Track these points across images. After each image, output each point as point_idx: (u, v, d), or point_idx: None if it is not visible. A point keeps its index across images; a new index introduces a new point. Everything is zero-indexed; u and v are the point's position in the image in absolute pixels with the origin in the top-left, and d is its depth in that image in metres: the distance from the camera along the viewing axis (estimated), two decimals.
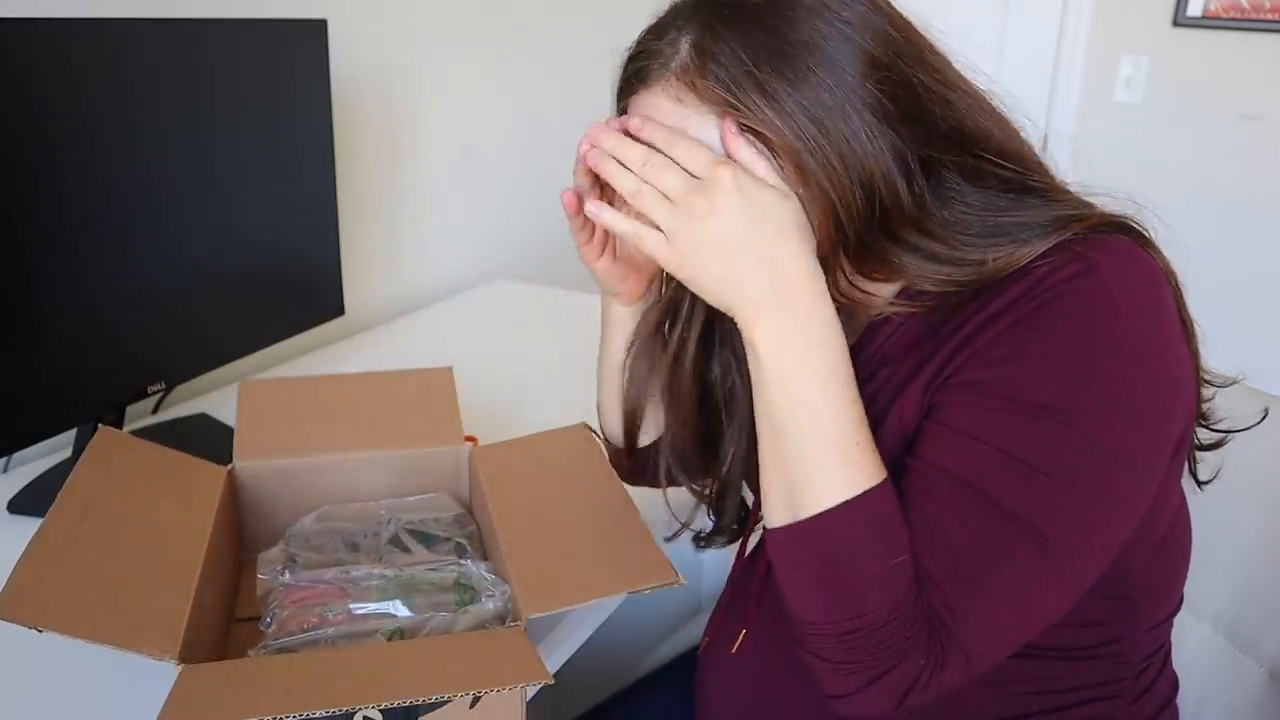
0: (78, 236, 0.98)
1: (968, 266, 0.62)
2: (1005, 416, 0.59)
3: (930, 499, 0.60)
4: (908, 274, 0.64)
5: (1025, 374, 0.58)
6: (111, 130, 0.98)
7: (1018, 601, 0.58)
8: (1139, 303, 0.59)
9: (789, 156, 0.61)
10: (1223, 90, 2.17)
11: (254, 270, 1.21)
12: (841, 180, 0.61)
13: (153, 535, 0.73)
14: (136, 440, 0.84)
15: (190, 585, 0.69)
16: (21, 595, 0.60)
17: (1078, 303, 0.58)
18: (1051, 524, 0.57)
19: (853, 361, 0.67)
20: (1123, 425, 0.58)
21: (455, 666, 0.63)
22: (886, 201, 0.62)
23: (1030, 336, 0.59)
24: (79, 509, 0.70)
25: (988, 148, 0.65)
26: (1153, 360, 0.59)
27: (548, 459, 0.89)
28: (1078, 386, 0.58)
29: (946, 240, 0.63)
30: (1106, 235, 0.62)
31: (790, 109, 0.60)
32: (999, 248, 0.62)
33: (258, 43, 1.15)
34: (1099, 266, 0.59)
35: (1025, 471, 0.58)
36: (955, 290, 0.63)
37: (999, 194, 0.64)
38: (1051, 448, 0.57)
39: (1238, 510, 0.87)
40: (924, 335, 0.65)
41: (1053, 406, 0.57)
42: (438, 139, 1.75)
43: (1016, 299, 0.60)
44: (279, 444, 0.90)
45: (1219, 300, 2.28)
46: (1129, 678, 0.72)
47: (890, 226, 0.63)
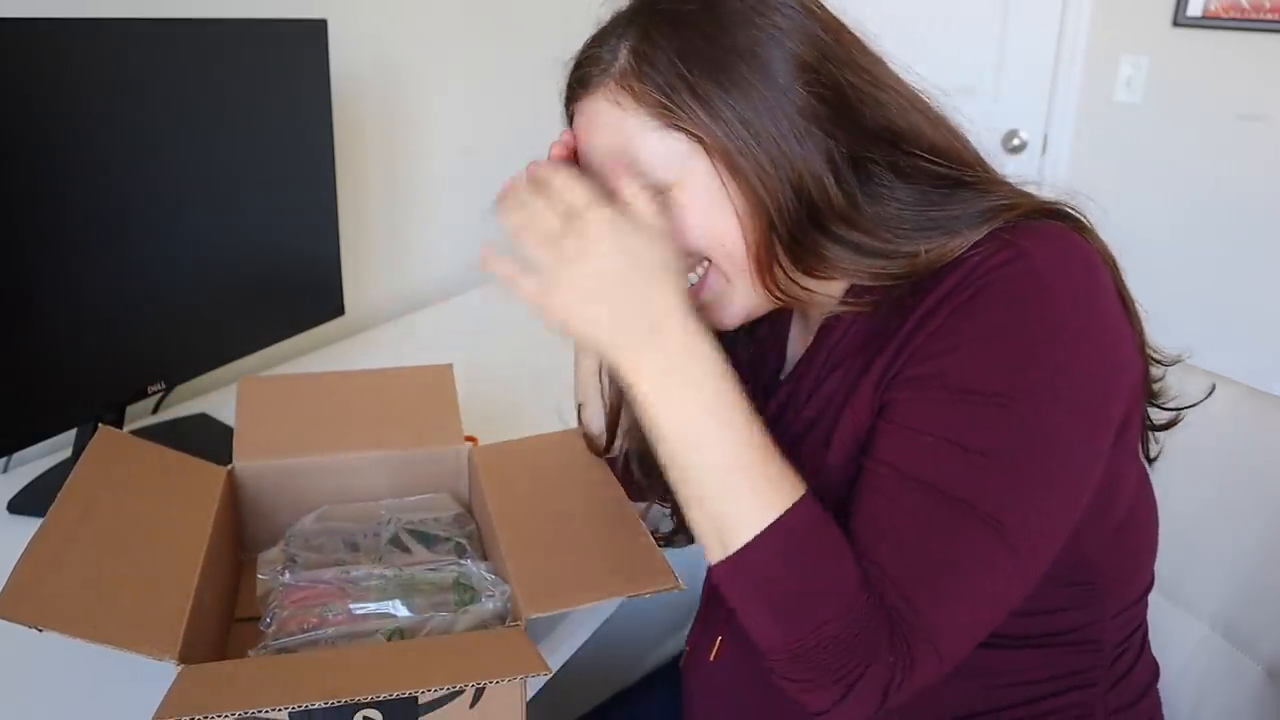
0: (78, 236, 0.98)
1: (900, 259, 0.64)
2: (946, 406, 0.60)
3: (881, 495, 0.61)
4: (843, 269, 0.66)
5: (962, 363, 0.60)
6: (111, 130, 0.99)
7: (975, 588, 0.59)
8: (1072, 286, 0.60)
9: (721, 157, 0.64)
10: (1223, 90, 2.17)
11: (254, 270, 1.21)
12: (772, 179, 0.64)
13: (153, 535, 0.73)
14: (137, 440, 0.84)
15: (190, 585, 0.69)
16: (22, 595, 0.60)
17: (1009, 289, 0.59)
18: (1000, 506, 0.58)
19: (808, 364, 0.72)
20: (1060, 409, 0.59)
21: (455, 662, 0.63)
22: (816, 199, 0.64)
23: (965, 326, 0.60)
24: (79, 509, 0.70)
25: (919, 145, 0.67)
26: (1089, 344, 0.60)
27: (548, 460, 0.89)
28: (1015, 372, 0.59)
29: (877, 234, 0.64)
30: (1038, 222, 0.63)
31: (722, 112, 0.63)
32: (930, 240, 0.63)
33: (258, 43, 1.15)
34: (1029, 253, 0.60)
35: (969, 457, 0.58)
36: (893, 284, 0.65)
37: (931, 189, 0.66)
38: (992, 432, 0.58)
39: (1236, 510, 0.87)
40: (872, 334, 0.67)
41: (990, 391, 0.58)
42: (438, 139, 1.75)
43: (951, 290, 0.61)
44: (279, 443, 0.90)
45: (1219, 300, 2.28)
46: (1103, 665, 0.73)
47: (821, 222, 0.65)
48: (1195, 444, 0.89)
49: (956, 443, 0.59)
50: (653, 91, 0.64)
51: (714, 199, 0.66)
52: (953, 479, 0.59)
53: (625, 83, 0.65)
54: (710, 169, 0.65)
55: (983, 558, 0.58)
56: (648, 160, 0.66)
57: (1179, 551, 0.91)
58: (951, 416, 0.59)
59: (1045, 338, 0.59)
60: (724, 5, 0.65)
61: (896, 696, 0.59)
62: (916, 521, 0.59)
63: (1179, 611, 0.91)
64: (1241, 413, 0.87)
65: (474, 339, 1.58)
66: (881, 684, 0.58)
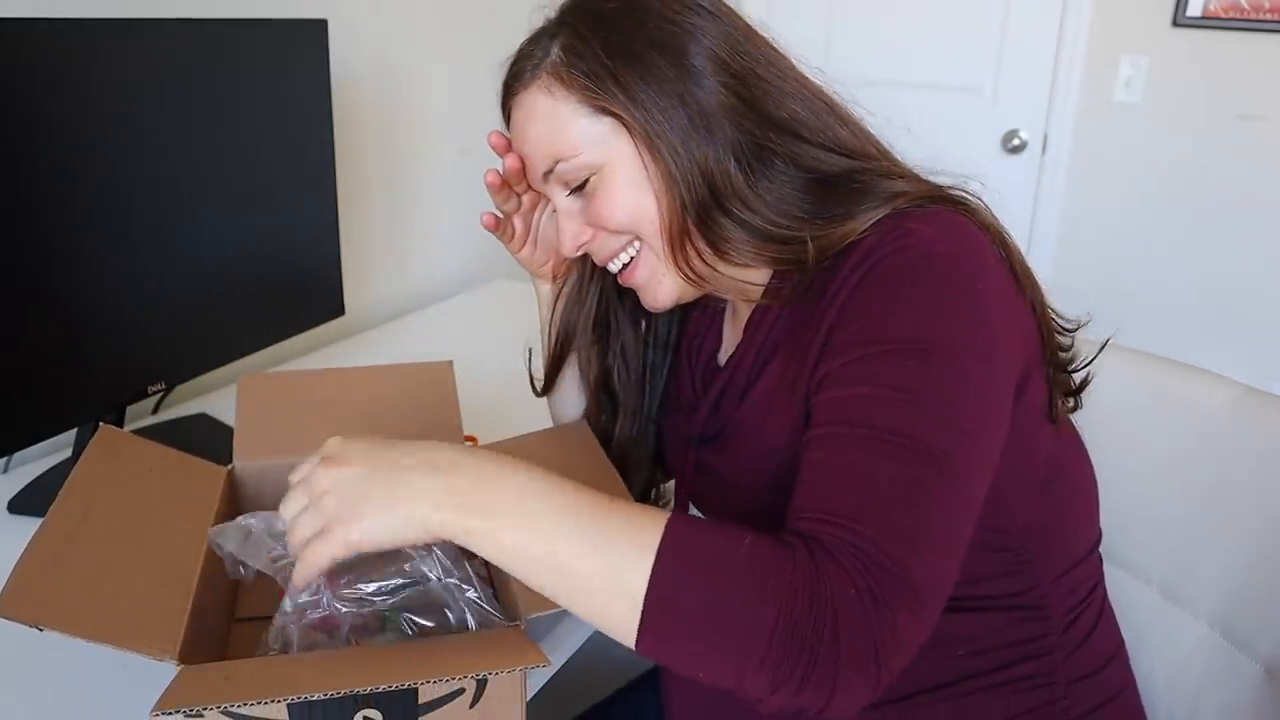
0: (78, 236, 0.98)
1: (795, 244, 0.70)
2: (869, 361, 0.63)
3: (823, 450, 0.62)
4: (743, 250, 0.72)
5: (875, 321, 0.64)
6: (112, 130, 0.99)
7: (931, 516, 0.59)
8: (951, 256, 0.65)
9: (642, 138, 0.71)
10: (1223, 90, 2.17)
11: (254, 270, 1.21)
12: (682, 161, 0.70)
13: (154, 535, 0.73)
14: (137, 439, 0.84)
15: (190, 586, 0.69)
16: (23, 593, 0.60)
17: (900, 261, 0.65)
18: (939, 438, 0.60)
19: (742, 354, 0.78)
20: (968, 354, 0.63)
21: (455, 658, 0.63)
22: (719, 183, 0.70)
23: (869, 293, 0.66)
24: (80, 508, 0.70)
25: (822, 136, 0.73)
26: (968, 304, 0.64)
27: (547, 457, 0.89)
28: (921, 323, 0.63)
29: (773, 219, 0.71)
30: (926, 208, 0.69)
31: (640, 98, 0.70)
32: (823, 226, 0.69)
33: (258, 43, 1.15)
34: (914, 231, 0.66)
35: (901, 397, 0.61)
36: (799, 270, 0.71)
37: (828, 178, 0.72)
38: (916, 373, 0.62)
39: (1235, 509, 0.87)
40: (797, 323, 0.72)
41: (904, 339, 0.63)
42: (438, 139, 1.75)
43: (851, 270, 0.67)
44: (278, 442, 0.90)
45: (1219, 300, 2.28)
46: (1054, 633, 0.75)
47: (724, 205, 0.71)
48: (1195, 444, 0.90)
49: (887, 385, 0.62)
50: (580, 78, 0.71)
51: (636, 178, 0.72)
52: (891, 418, 0.61)
53: (556, 73, 0.73)
54: (633, 150, 0.72)
55: (932, 490, 0.59)
56: (578, 141, 0.73)
57: (1178, 551, 0.91)
58: (876, 366, 0.63)
59: (947, 294, 0.64)
60: (643, 4, 0.72)
61: (891, 657, 0.54)
62: (863, 463, 0.60)
63: (1178, 611, 0.91)
64: (1241, 413, 0.87)
65: (474, 339, 1.58)
66: (864, 641, 0.53)
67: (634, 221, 0.74)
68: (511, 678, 0.61)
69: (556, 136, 0.74)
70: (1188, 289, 2.29)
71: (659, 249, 0.75)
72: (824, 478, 0.61)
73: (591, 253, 0.80)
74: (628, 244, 0.77)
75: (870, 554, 0.56)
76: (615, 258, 0.78)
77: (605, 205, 0.74)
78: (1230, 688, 0.86)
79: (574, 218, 0.77)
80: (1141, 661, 0.88)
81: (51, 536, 0.66)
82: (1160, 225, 2.30)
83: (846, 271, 0.67)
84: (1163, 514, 0.92)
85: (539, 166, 0.76)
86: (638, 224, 0.74)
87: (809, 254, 0.69)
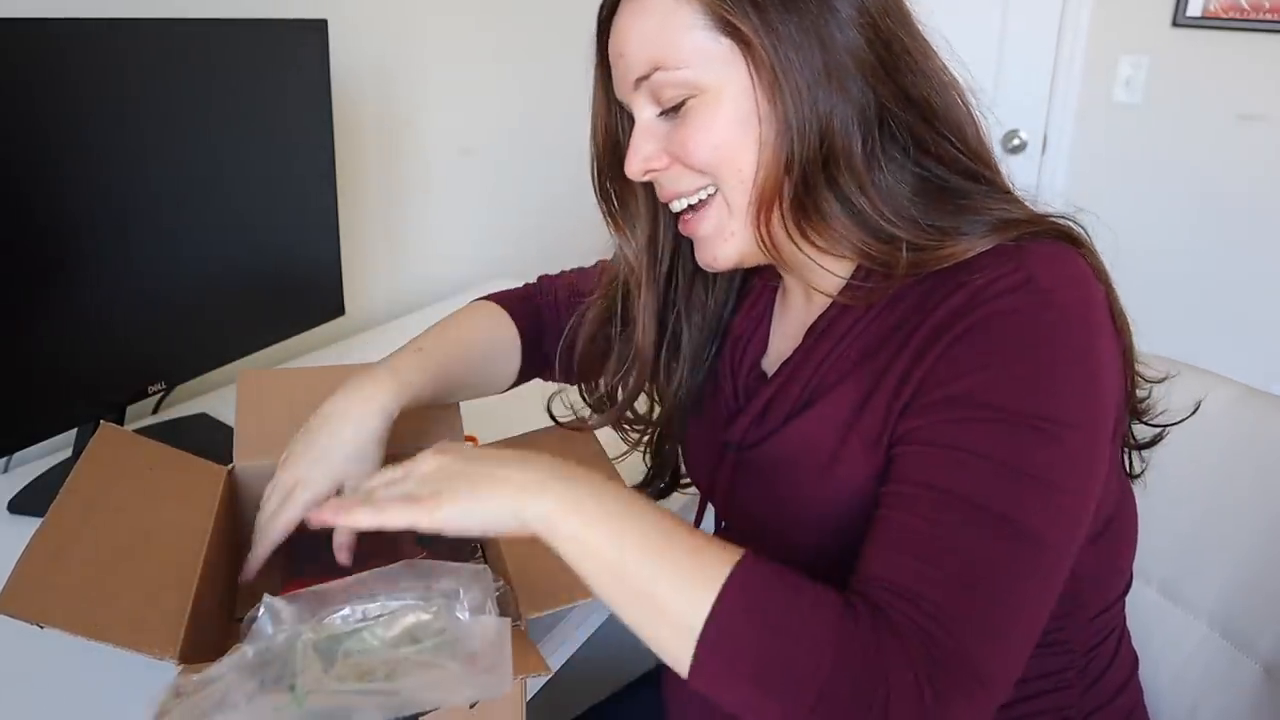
0: (78, 237, 0.98)
1: (890, 245, 0.64)
2: (963, 426, 0.58)
3: (903, 512, 0.58)
4: (835, 232, 0.65)
5: (991, 383, 0.58)
6: (111, 130, 0.99)
7: (1014, 604, 0.55)
8: (1071, 314, 0.60)
9: (765, 72, 0.63)
10: (1223, 90, 2.17)
11: (254, 270, 1.21)
12: (804, 110, 0.62)
13: (154, 534, 0.73)
14: (138, 437, 0.84)
15: (191, 585, 0.69)
16: (24, 591, 0.60)
17: (1015, 317, 0.59)
18: (1039, 521, 0.56)
19: (799, 367, 0.71)
20: (1084, 431, 0.58)
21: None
22: (838, 147, 0.63)
23: (984, 346, 0.59)
24: (82, 506, 0.70)
25: (951, 132, 0.66)
26: (1093, 361, 0.59)
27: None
28: (1043, 394, 0.57)
29: (879, 208, 0.64)
30: (1043, 243, 0.63)
31: (777, 26, 0.62)
32: (926, 235, 0.63)
33: (258, 43, 1.15)
34: (1037, 278, 0.59)
35: (994, 469, 0.56)
36: (879, 268, 0.65)
37: (941, 182, 0.66)
38: (1028, 450, 0.57)
39: (1235, 510, 0.87)
40: (873, 347, 0.66)
41: (1007, 409, 0.57)
42: (438, 139, 1.75)
43: (960, 308, 0.60)
44: (279, 442, 0.90)
45: (1219, 300, 2.28)
46: (1076, 668, 0.72)
47: (833, 175, 0.64)
48: (1195, 444, 0.90)
49: (985, 455, 0.57)
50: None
51: (743, 115, 0.64)
52: (984, 490, 0.56)
53: None
54: (748, 83, 0.64)
55: (1019, 575, 0.55)
56: (689, 54, 0.64)
57: (1178, 551, 0.91)
58: (977, 433, 0.57)
59: (1066, 361, 0.58)
60: None
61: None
62: (946, 536, 0.56)
63: (1178, 611, 0.91)
64: (1241, 413, 0.87)
65: None
66: (912, 714, 0.51)
67: (722, 163, 0.66)
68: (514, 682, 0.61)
69: (666, 40, 0.64)
70: (1188, 289, 2.29)
71: (738, 202, 0.67)
72: (900, 544, 0.56)
73: (658, 184, 0.71)
74: (703, 186, 0.68)
75: (939, 639, 0.52)
76: (683, 197, 0.70)
77: (697, 135, 0.65)
78: (1230, 688, 0.86)
79: (654, 137, 0.68)
80: (1142, 662, 0.88)
81: (53, 534, 0.66)
82: (1160, 225, 2.30)
83: (948, 311, 0.60)
84: (1163, 514, 0.92)
85: (633, 70, 0.67)
86: (724, 168, 0.66)
87: (900, 261, 0.63)
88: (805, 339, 0.71)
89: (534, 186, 1.93)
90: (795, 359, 0.72)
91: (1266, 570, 0.84)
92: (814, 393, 0.69)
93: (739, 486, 0.77)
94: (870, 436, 0.64)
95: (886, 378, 0.63)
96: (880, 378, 0.64)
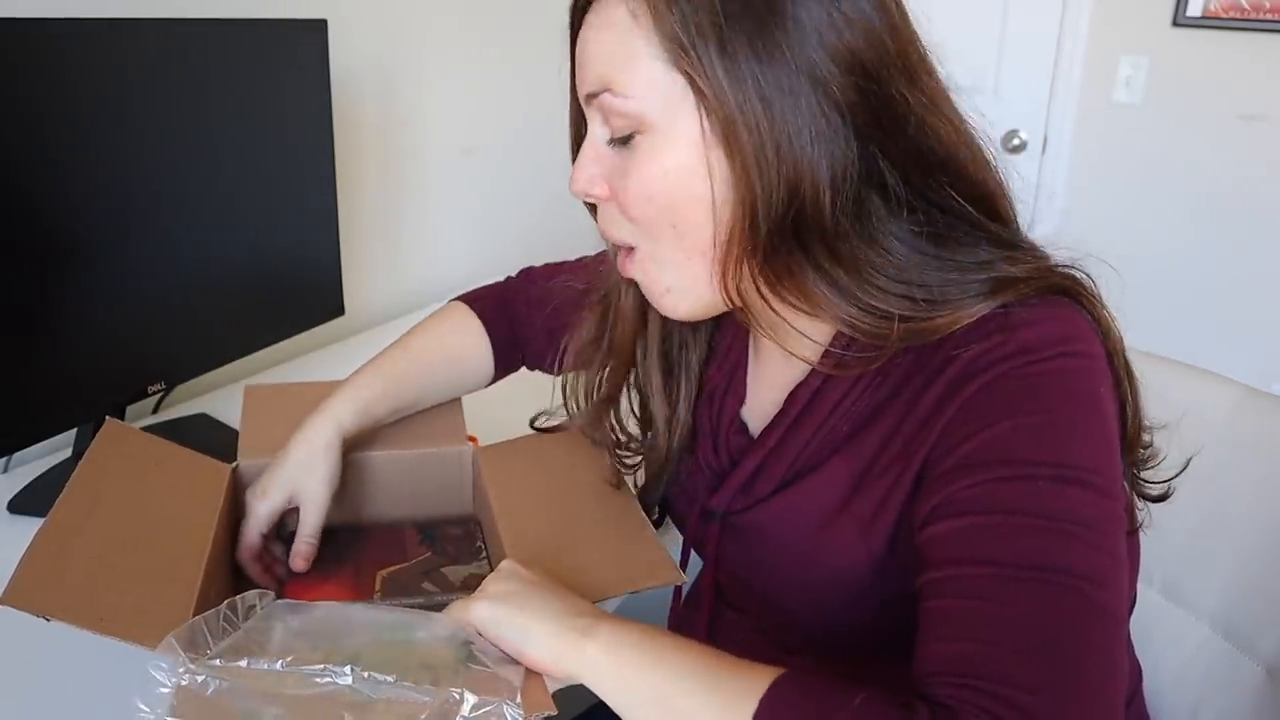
0: (78, 237, 0.98)
1: (874, 315, 0.59)
2: (986, 488, 0.55)
3: (947, 597, 0.54)
4: (814, 299, 0.60)
5: (991, 445, 0.55)
6: (111, 130, 0.98)
7: (1084, 657, 0.51)
8: (1072, 366, 0.57)
9: (721, 124, 0.56)
10: (1223, 90, 2.17)
11: (254, 270, 1.21)
12: (769, 170, 0.56)
13: (159, 529, 0.73)
14: (142, 433, 0.84)
15: (195, 581, 0.69)
16: (31, 584, 0.60)
17: (1016, 376, 0.56)
18: (1081, 564, 0.52)
19: (789, 434, 0.67)
20: (1090, 472, 0.55)
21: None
22: (808, 210, 0.57)
23: (980, 414, 0.56)
24: (88, 500, 0.71)
25: (954, 183, 0.61)
26: (1098, 422, 0.57)
27: (549, 458, 0.89)
28: (1044, 443, 0.55)
29: (863, 276, 0.58)
30: (1036, 307, 0.58)
31: (743, 77, 0.55)
32: (915, 306, 0.58)
33: (258, 43, 1.15)
34: (1028, 346, 0.56)
35: (1031, 524, 0.53)
36: (874, 353, 0.60)
37: (945, 229, 0.60)
38: (1043, 496, 0.54)
39: (1236, 510, 0.87)
40: (867, 418, 0.63)
41: (1029, 461, 0.54)
42: (438, 139, 1.75)
43: (957, 379, 0.58)
44: (283, 443, 0.90)
45: (1219, 300, 2.28)
46: None
47: (802, 237, 0.58)
48: (1195, 444, 0.89)
49: (1019, 512, 0.53)
50: (676, 23, 0.56)
51: (687, 164, 0.58)
52: (1026, 548, 0.52)
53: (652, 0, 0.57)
54: (698, 131, 0.57)
55: (1082, 627, 0.51)
56: (640, 84, 0.58)
57: (1179, 551, 0.91)
58: (1003, 492, 0.54)
59: (1074, 408, 0.56)
60: None
61: None
62: (997, 606, 0.51)
63: (1179, 612, 0.91)
64: (1241, 413, 0.87)
65: None
66: None
67: (655, 219, 0.61)
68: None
69: (620, 61, 0.59)
70: (1188, 289, 2.29)
71: (672, 258, 0.62)
72: (950, 631, 0.52)
73: (598, 215, 0.66)
74: (632, 237, 0.64)
75: (1023, 706, 0.48)
76: (611, 236, 0.65)
77: (634, 184, 0.60)
78: (1232, 689, 0.86)
79: (600, 159, 0.63)
80: (1143, 663, 0.88)
81: (58, 528, 0.67)
82: (1160, 225, 2.30)
83: (945, 384, 0.58)
84: (1164, 515, 0.91)
85: (586, 84, 0.61)
86: (657, 225, 0.61)
87: (892, 335, 0.58)
88: (788, 405, 0.68)
89: (534, 187, 1.93)
90: (780, 427, 0.68)
91: (1268, 571, 0.84)
92: (803, 466, 0.66)
93: (727, 550, 0.75)
94: (864, 517, 0.62)
95: (882, 457, 0.61)
96: (874, 457, 0.61)
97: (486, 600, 0.61)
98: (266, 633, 0.58)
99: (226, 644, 0.57)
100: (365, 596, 0.79)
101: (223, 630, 0.58)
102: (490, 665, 0.59)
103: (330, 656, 0.57)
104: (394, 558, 0.86)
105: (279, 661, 0.56)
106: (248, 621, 0.59)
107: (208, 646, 0.56)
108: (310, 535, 0.81)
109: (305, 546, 0.81)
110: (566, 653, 0.58)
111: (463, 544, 0.88)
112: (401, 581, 0.82)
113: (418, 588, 0.81)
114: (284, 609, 0.61)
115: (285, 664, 0.56)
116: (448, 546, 0.88)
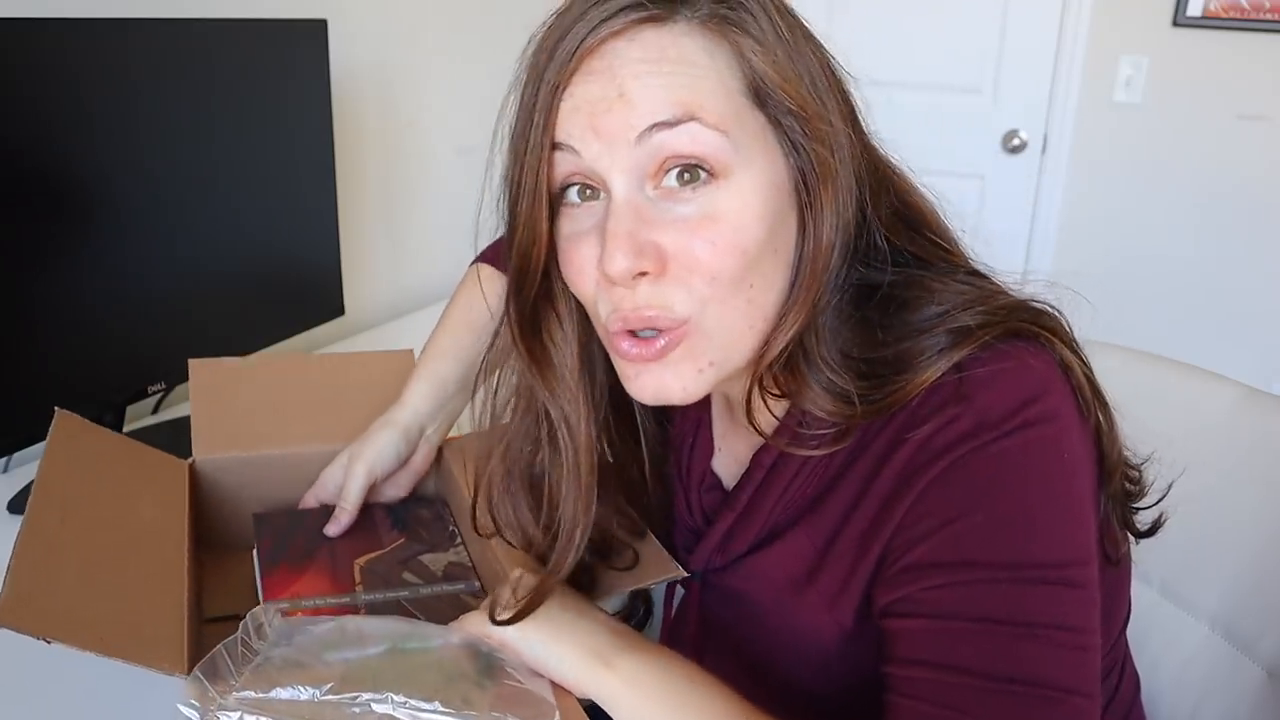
0: (77, 236, 0.98)
1: (835, 397, 0.56)
2: (953, 590, 0.53)
3: (914, 699, 0.53)
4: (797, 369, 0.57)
5: (955, 543, 0.53)
6: (111, 130, 0.99)
7: None
8: (1034, 435, 0.53)
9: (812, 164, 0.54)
10: (1223, 90, 2.17)
11: (254, 270, 1.21)
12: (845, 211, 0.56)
13: (135, 536, 0.71)
14: (95, 426, 0.80)
15: (182, 592, 0.67)
16: (22, 602, 0.58)
17: (972, 462, 0.53)
18: (1056, 672, 0.51)
19: (756, 499, 0.65)
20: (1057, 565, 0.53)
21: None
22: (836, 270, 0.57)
23: (939, 503, 0.54)
24: (58, 505, 0.68)
25: (918, 216, 0.61)
26: (1064, 484, 0.54)
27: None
28: (1008, 542, 0.53)
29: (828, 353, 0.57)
30: (994, 353, 0.54)
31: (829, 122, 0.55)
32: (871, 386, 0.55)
33: (258, 43, 1.15)
34: (987, 415, 0.53)
35: (999, 630, 0.51)
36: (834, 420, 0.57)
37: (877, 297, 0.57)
38: (1012, 599, 0.52)
39: (1236, 510, 0.87)
40: (820, 488, 0.61)
41: (993, 563, 0.52)
42: (437, 139, 1.75)
43: (912, 465, 0.55)
44: (238, 435, 0.87)
45: (1219, 300, 2.28)
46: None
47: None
48: (1195, 444, 0.89)
49: (987, 619, 0.51)
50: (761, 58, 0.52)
51: (773, 211, 0.53)
52: (998, 658, 0.51)
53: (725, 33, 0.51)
54: (784, 177, 0.54)
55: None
56: (730, 116, 0.51)
57: (1179, 552, 0.91)
58: (967, 596, 0.52)
59: (1038, 497, 0.53)
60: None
61: None
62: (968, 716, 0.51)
63: (1179, 612, 0.91)
64: (1242, 413, 0.87)
65: None
66: None
67: (747, 274, 0.53)
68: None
69: (707, 86, 0.51)
70: (1188, 289, 2.29)
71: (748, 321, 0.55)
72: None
73: (616, 299, 0.54)
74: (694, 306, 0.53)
75: None
76: (654, 318, 0.53)
77: (723, 230, 0.51)
78: (1231, 690, 0.86)
79: (641, 214, 0.52)
80: (1142, 663, 0.87)
81: (36, 538, 0.63)
82: (1160, 225, 2.30)
83: (898, 469, 0.55)
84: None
85: (643, 114, 0.50)
86: (745, 281, 0.53)
87: (855, 414, 0.55)
88: (753, 466, 0.66)
89: None
90: (749, 489, 0.66)
91: (1268, 572, 0.84)
92: (773, 529, 0.65)
93: (710, 605, 0.74)
94: (829, 594, 0.61)
95: (844, 534, 0.59)
96: (836, 531, 0.60)
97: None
98: (287, 656, 0.58)
99: (250, 672, 0.56)
100: (345, 589, 0.77)
101: (243, 656, 0.57)
102: (522, 680, 0.60)
103: (355, 673, 0.57)
104: (368, 544, 0.83)
105: (313, 691, 0.55)
106: (263, 644, 0.59)
107: (233, 677, 0.55)
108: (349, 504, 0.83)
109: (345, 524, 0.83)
110: (586, 678, 0.60)
111: (436, 528, 0.86)
112: (380, 571, 0.79)
113: (399, 579, 0.79)
114: (295, 627, 0.61)
115: (321, 693, 0.55)
116: (420, 531, 0.86)
